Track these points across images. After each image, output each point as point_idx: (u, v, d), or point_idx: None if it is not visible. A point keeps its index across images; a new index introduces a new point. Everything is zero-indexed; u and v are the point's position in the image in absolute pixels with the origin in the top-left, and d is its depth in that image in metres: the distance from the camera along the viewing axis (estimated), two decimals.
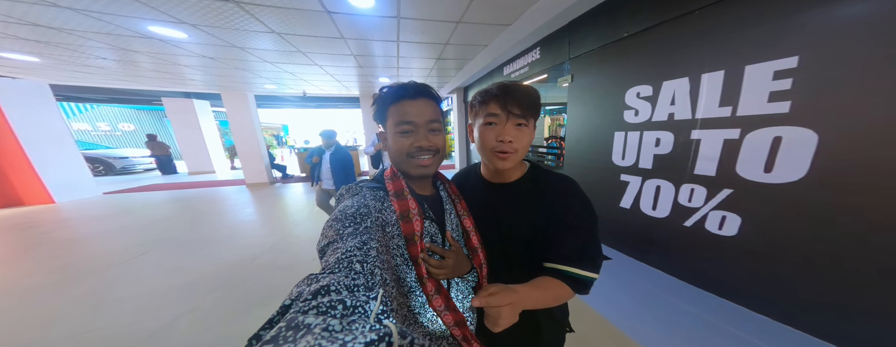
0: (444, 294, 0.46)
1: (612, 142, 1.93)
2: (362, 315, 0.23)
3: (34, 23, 1.97)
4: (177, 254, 2.35)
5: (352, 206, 0.43)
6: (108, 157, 7.24)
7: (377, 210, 0.45)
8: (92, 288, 1.84)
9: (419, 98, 0.47)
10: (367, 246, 0.35)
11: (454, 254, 0.50)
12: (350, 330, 0.19)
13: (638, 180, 1.80)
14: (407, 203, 0.46)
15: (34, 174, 4.08)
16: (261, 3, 1.71)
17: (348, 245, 0.34)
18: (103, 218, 3.44)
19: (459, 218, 0.56)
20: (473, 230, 0.56)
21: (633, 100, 1.76)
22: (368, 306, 0.24)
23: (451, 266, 0.49)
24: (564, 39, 2.28)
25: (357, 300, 0.24)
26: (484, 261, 0.55)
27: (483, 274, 0.55)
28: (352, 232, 0.37)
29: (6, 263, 2.25)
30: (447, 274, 0.49)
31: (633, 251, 1.95)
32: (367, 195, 0.47)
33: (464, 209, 0.57)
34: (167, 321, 1.49)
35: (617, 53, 1.84)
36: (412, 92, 0.47)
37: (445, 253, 0.50)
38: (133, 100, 7.58)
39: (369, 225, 0.40)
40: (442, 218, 0.54)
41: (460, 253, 0.53)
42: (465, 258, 0.53)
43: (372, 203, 0.45)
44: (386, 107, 0.48)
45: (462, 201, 0.58)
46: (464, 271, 0.52)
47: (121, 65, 3.22)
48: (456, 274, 0.51)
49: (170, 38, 2.29)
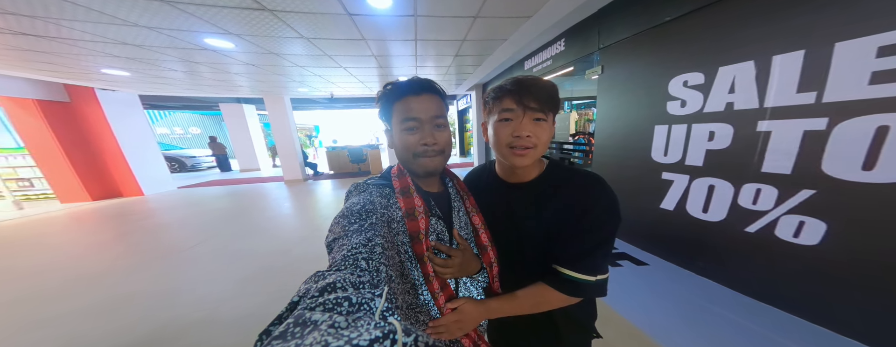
0: (449, 293, 0.45)
1: (652, 136, 1.68)
2: (368, 311, 0.23)
3: (123, 42, 2.22)
4: (227, 244, 2.47)
5: (357, 203, 0.41)
6: (181, 157, 8.11)
7: (383, 206, 0.43)
8: (161, 271, 1.99)
9: (423, 93, 0.44)
10: (372, 243, 0.34)
11: (461, 253, 0.47)
12: (355, 327, 0.19)
13: (684, 179, 1.54)
14: (412, 200, 0.44)
15: (129, 171, 4.67)
16: (291, 10, 1.75)
17: (353, 241, 0.33)
18: (176, 209, 3.80)
19: (468, 215, 0.53)
20: (483, 227, 0.52)
21: (679, 89, 1.50)
22: (373, 303, 0.24)
23: (457, 265, 0.46)
24: (593, 29, 2.03)
25: (362, 297, 0.23)
26: (494, 260, 0.51)
27: (493, 273, 0.51)
28: (357, 229, 0.36)
29: (105, 246, 2.55)
30: (453, 273, 0.46)
31: (676, 256, 1.69)
32: (374, 192, 0.45)
33: (473, 206, 0.53)
34: (215, 305, 1.55)
35: (657, 40, 1.58)
36: (416, 88, 0.44)
37: (452, 251, 0.46)
38: (198, 107, 8.42)
39: (375, 221, 0.39)
40: (449, 215, 0.51)
41: (468, 251, 0.49)
42: (473, 257, 0.50)
43: (377, 200, 0.43)
44: (390, 104, 0.46)
45: (471, 198, 0.54)
46: (472, 271, 0.50)
47: (187, 76, 3.58)
48: (463, 273, 0.48)
49: (221, 48, 2.46)
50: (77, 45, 2.28)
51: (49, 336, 1.33)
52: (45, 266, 2.16)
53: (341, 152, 6.57)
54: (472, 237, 0.52)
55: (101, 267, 2.11)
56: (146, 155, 4.92)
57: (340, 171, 6.63)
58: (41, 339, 1.31)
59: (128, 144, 4.58)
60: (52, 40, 2.16)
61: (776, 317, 1.19)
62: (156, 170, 5.11)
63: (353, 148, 6.56)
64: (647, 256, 1.81)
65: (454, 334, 0.43)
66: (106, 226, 3.17)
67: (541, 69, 2.78)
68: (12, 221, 3.49)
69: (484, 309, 0.46)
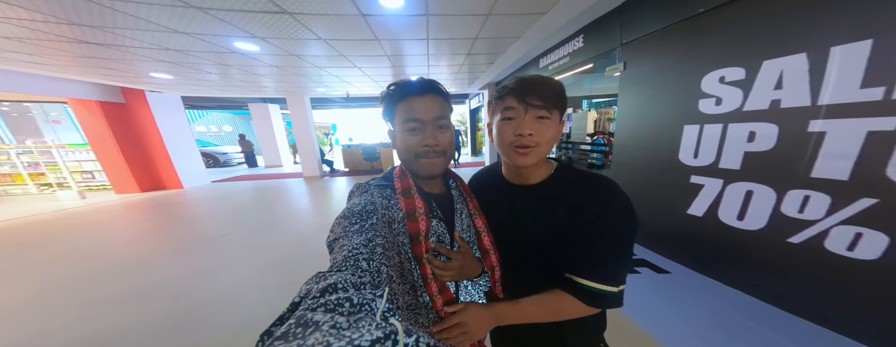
0: (448, 296, 0.44)
1: (680, 137, 1.55)
2: (369, 312, 0.22)
3: (166, 47, 2.43)
4: (251, 235, 2.62)
5: (358, 204, 0.41)
6: (214, 153, 8.75)
7: (384, 207, 0.42)
8: (193, 259, 2.16)
9: (426, 94, 0.43)
10: (373, 243, 0.33)
11: (461, 256, 0.46)
12: (357, 328, 0.18)
13: (717, 183, 1.41)
14: (413, 201, 0.43)
15: (172, 166, 5.13)
16: (309, 12, 1.81)
17: (354, 242, 0.33)
18: (209, 202, 4.11)
19: (471, 218, 0.51)
20: (486, 230, 0.50)
21: (714, 86, 1.37)
22: (375, 303, 0.23)
23: (456, 267, 0.45)
24: (614, 23, 1.91)
25: (363, 298, 0.23)
26: (496, 264, 0.50)
27: (495, 277, 0.50)
28: (358, 230, 0.36)
29: (148, 234, 2.81)
30: (453, 276, 0.45)
31: (703, 266, 1.56)
32: (375, 193, 0.45)
33: (476, 208, 0.51)
34: (241, 293, 1.65)
35: (689, 33, 1.45)
36: (419, 88, 0.43)
37: (452, 254, 0.45)
38: (230, 107, 9.00)
39: (375, 222, 0.38)
40: (451, 217, 0.50)
41: (469, 254, 0.48)
42: (474, 260, 0.49)
43: (379, 200, 0.43)
44: (394, 104, 0.45)
45: (474, 200, 0.52)
46: (473, 274, 0.48)
47: (221, 77, 3.85)
48: (463, 276, 0.47)
49: (248, 51, 2.62)
50: (130, 51, 2.52)
51: (100, 316, 1.48)
52: (102, 249, 2.42)
53: (356, 150, 6.76)
54: (474, 240, 0.51)
55: (146, 252, 2.34)
56: (186, 151, 5.36)
57: (355, 169, 6.82)
58: (94, 318, 1.47)
59: (171, 141, 5.01)
60: (110, 47, 2.40)
61: (818, 335, 1.06)
62: (194, 166, 5.54)
63: (367, 146, 6.72)
64: (669, 264, 1.69)
65: (462, 343, 0.41)
66: (151, 216, 3.49)
67: (557, 67, 2.66)
68: (77, 209, 3.96)
69: (491, 315, 0.43)
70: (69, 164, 4.82)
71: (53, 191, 4.89)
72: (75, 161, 5.02)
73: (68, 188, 4.80)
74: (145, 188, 5.03)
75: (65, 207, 4.03)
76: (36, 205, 4.19)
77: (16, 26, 1.90)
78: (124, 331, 1.34)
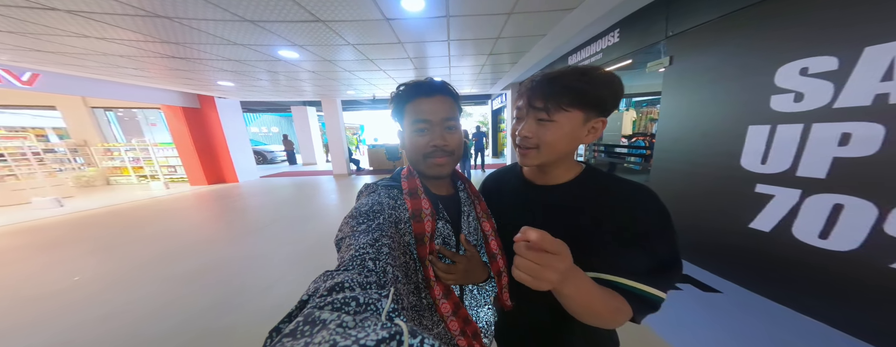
0: (453, 299, 0.42)
1: (743, 139, 1.33)
2: (374, 312, 0.22)
3: (228, 58, 2.85)
4: (289, 226, 2.84)
5: (366, 204, 0.41)
6: (263, 151, 9.82)
7: (391, 207, 0.42)
8: (243, 245, 2.45)
9: (435, 95, 0.43)
10: (379, 243, 0.33)
11: (466, 260, 0.44)
12: (363, 327, 0.18)
13: (793, 194, 1.18)
14: (420, 202, 0.42)
15: (231, 162, 5.93)
16: (339, 19, 1.94)
17: (361, 242, 0.33)
18: (258, 195, 4.59)
19: (479, 221, 0.49)
20: (494, 234, 0.48)
21: (794, 79, 1.14)
22: (380, 303, 0.23)
23: (461, 271, 0.43)
24: (658, 15, 1.70)
25: (369, 297, 0.23)
26: (504, 269, 0.47)
27: (503, 282, 0.47)
28: (365, 230, 0.36)
29: (210, 222, 3.27)
30: (457, 280, 0.43)
31: (766, 287, 1.31)
32: (382, 193, 0.44)
33: (483, 211, 0.49)
34: (275, 279, 1.82)
35: (757, 20, 1.23)
36: (428, 89, 0.43)
37: (457, 257, 0.44)
38: (277, 110, 10.10)
39: (382, 222, 0.38)
40: (458, 219, 0.49)
41: (475, 259, 0.46)
42: (480, 265, 0.47)
43: (386, 200, 0.43)
44: (403, 105, 0.44)
45: (482, 203, 0.50)
46: (478, 279, 0.47)
47: (270, 83, 4.35)
48: (468, 281, 0.45)
49: (289, 58, 2.92)
50: (203, 63, 2.98)
51: (172, 290, 1.73)
52: (179, 233, 2.87)
53: (380, 150, 7.06)
54: (481, 244, 0.49)
55: (209, 236, 2.72)
56: (242, 150, 6.11)
57: (379, 168, 7.10)
58: (161, 291, 1.72)
59: (232, 141, 5.77)
60: (190, 60, 2.87)
61: None
62: (247, 163, 6.29)
63: (390, 146, 6.95)
64: (719, 282, 1.47)
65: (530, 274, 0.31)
66: (214, 205, 4.05)
67: (588, 64, 2.47)
68: (163, 197, 4.75)
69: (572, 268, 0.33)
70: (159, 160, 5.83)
71: (147, 182, 5.96)
72: (164, 157, 6.04)
73: (158, 179, 5.80)
74: (211, 181, 5.85)
75: (154, 195, 4.86)
76: (135, 193, 5.13)
77: (126, 46, 2.38)
78: (189, 305, 1.55)
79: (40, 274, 1.95)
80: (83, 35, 2.10)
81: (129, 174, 6.13)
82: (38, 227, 3.15)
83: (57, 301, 1.61)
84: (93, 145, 6.01)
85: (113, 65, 3.01)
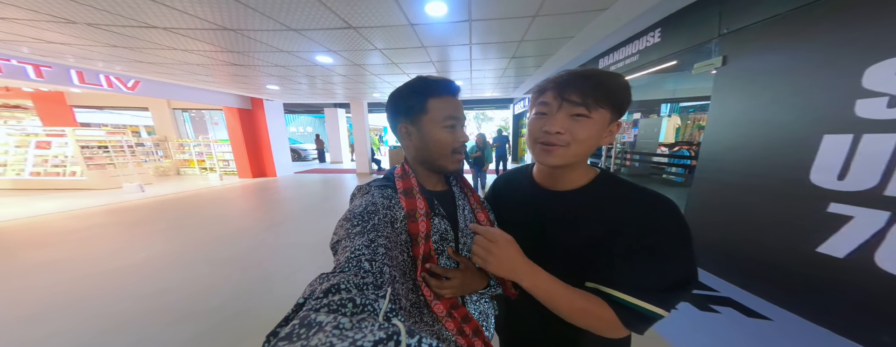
0: (446, 300, 0.42)
1: (816, 151, 1.14)
2: (372, 313, 0.22)
3: (274, 64, 3.18)
4: (314, 219, 3.13)
5: (360, 205, 0.41)
6: (298, 149, 10.78)
7: (385, 207, 0.42)
8: (274, 234, 2.64)
9: (457, 96, 0.46)
10: (375, 244, 0.33)
11: (461, 273, 0.44)
12: (360, 328, 0.18)
13: (878, 216, 0.98)
14: (414, 202, 0.43)
15: (272, 159, 6.59)
16: (369, 26, 2.06)
17: (356, 243, 0.33)
18: (292, 189, 5.06)
19: (473, 213, 0.50)
20: (489, 225, 0.49)
21: (885, 80, 0.96)
22: (377, 304, 0.23)
23: (457, 285, 0.42)
24: (712, 9, 1.53)
25: (366, 298, 0.23)
26: None
27: None
28: (360, 231, 0.35)
29: (251, 212, 3.64)
30: (454, 293, 0.42)
31: (833, 320, 1.11)
32: (376, 193, 0.44)
33: (477, 202, 0.51)
34: (296, 268, 1.93)
35: (835, 13, 1.05)
36: (456, 89, 0.45)
37: (450, 272, 0.43)
38: (312, 111, 10.94)
39: (377, 222, 0.38)
40: (454, 213, 0.49)
41: (469, 269, 0.45)
42: (475, 274, 0.46)
43: (380, 200, 0.42)
44: (426, 98, 0.43)
45: (475, 194, 0.52)
46: (477, 287, 0.46)
47: (308, 87, 4.76)
48: (465, 291, 0.44)
49: (325, 63, 3.18)
50: (255, 69, 3.36)
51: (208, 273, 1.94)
52: (227, 218, 3.27)
53: (400, 150, 7.32)
54: None
55: (249, 224, 3.06)
56: (282, 148, 6.74)
57: None
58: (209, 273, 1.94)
59: (274, 139, 6.40)
60: (246, 67, 3.26)
61: None
62: (285, 159, 6.93)
63: None
64: (769, 308, 1.29)
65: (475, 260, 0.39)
66: (256, 196, 4.53)
67: (622, 66, 2.29)
68: (217, 187, 5.43)
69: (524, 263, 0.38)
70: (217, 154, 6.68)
71: (207, 173, 6.87)
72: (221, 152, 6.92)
73: (214, 172, 6.66)
74: (256, 175, 6.55)
75: (211, 186, 5.58)
76: (196, 182, 5.94)
77: (202, 56, 2.81)
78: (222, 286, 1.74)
79: (120, 250, 2.35)
80: (173, 47, 2.54)
81: (194, 166, 7.11)
82: (125, 208, 3.78)
83: (135, 273, 1.94)
84: (170, 140, 7.06)
85: (191, 72, 3.57)
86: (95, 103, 6.63)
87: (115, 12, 1.77)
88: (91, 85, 3.38)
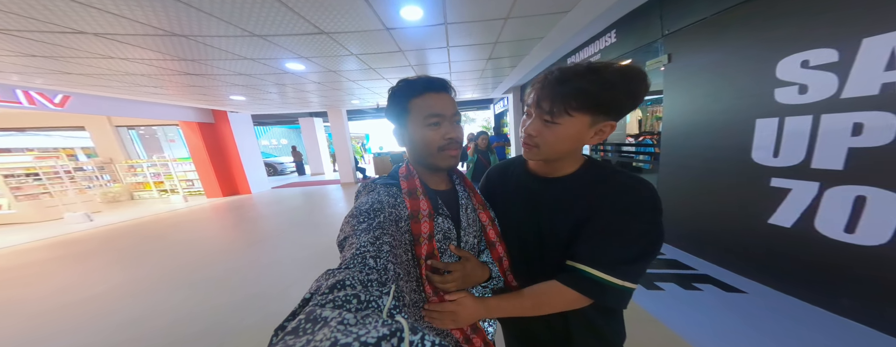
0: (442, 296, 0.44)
1: (752, 133, 1.31)
2: (376, 309, 0.22)
3: (238, 72, 3.00)
4: (300, 234, 2.92)
5: (366, 203, 0.41)
6: (274, 163, 10.12)
7: (390, 205, 0.42)
8: (257, 252, 2.50)
9: (442, 92, 0.45)
10: (380, 242, 0.34)
11: (462, 267, 0.45)
12: (364, 324, 0.18)
13: (810, 187, 1.14)
14: (418, 203, 0.44)
15: (244, 175, 6.15)
16: (342, 31, 2.00)
17: (362, 240, 0.33)
18: (269, 206, 4.72)
19: (476, 212, 0.52)
20: (491, 224, 0.51)
21: (795, 72, 1.14)
22: (381, 300, 0.23)
23: (459, 278, 0.44)
24: (653, 14, 1.75)
25: (370, 295, 0.23)
26: (504, 254, 0.50)
27: (504, 266, 0.50)
28: (365, 228, 0.36)
29: (226, 232, 3.37)
30: (457, 287, 0.44)
31: (795, 287, 1.24)
32: (381, 191, 0.45)
33: (480, 203, 0.52)
34: (288, 285, 1.85)
35: (752, 16, 1.25)
36: (438, 85, 0.44)
37: (451, 266, 0.45)
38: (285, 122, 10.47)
39: (382, 220, 0.38)
40: (458, 213, 0.50)
41: (470, 263, 0.47)
42: (478, 266, 0.48)
43: (385, 198, 0.43)
44: (407, 100, 0.44)
45: (477, 195, 0.53)
46: (478, 280, 0.48)
47: (279, 96, 4.53)
48: (468, 284, 0.46)
49: (296, 70, 3.04)
50: (216, 78, 3.14)
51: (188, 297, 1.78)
52: (198, 242, 2.97)
53: (385, 157, 7.23)
54: (480, 234, 0.52)
55: (225, 246, 2.79)
56: (254, 162, 6.34)
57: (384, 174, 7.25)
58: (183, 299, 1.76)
59: (244, 154, 6.00)
60: (204, 76, 3.03)
61: None
62: (259, 174, 6.51)
63: (395, 153, 7.16)
64: (743, 281, 1.40)
65: (445, 325, 0.43)
66: (230, 216, 4.17)
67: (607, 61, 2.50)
68: (182, 210, 4.93)
69: (482, 307, 0.44)
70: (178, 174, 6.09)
71: (168, 196, 6.21)
72: (182, 171, 6.32)
73: (177, 193, 6.04)
74: (227, 193, 6.05)
75: (174, 208, 5.06)
76: (156, 206, 5.35)
77: (147, 65, 2.54)
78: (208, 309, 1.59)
79: (77, 283, 2.04)
80: (108, 56, 2.16)
81: (151, 189, 6.40)
82: (71, 240, 3.32)
83: (93, 306, 1.69)
84: (118, 162, 6.32)
85: (135, 84, 3.17)
86: (14, 124, 5.79)
87: (27, 15, 1.44)
88: (5, 102, 2.79)
